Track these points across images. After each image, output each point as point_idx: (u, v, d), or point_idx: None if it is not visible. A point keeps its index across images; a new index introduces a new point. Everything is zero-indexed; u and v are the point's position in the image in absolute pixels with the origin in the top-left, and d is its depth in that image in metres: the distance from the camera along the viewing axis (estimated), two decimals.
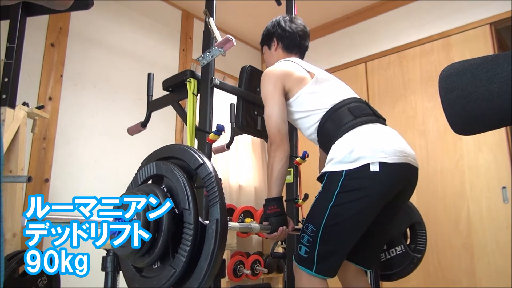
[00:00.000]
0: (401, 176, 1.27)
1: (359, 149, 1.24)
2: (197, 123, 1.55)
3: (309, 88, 1.43)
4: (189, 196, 0.91)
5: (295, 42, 1.64)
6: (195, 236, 0.88)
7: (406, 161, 1.26)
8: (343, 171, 1.25)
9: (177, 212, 0.93)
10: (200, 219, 0.90)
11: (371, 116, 1.37)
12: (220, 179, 0.95)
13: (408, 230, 1.93)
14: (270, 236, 1.37)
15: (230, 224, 1.15)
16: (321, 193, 1.32)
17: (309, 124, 1.45)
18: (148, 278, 0.96)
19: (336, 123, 1.36)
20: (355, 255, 1.40)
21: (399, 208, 1.42)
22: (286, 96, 1.46)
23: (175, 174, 0.94)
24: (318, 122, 1.41)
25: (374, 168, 1.21)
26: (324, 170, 1.33)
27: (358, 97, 1.48)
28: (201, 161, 0.94)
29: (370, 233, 1.35)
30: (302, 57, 1.67)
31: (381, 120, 1.40)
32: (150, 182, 1.05)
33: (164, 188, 0.97)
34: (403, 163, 1.25)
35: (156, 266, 0.96)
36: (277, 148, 1.37)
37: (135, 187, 1.04)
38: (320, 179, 1.37)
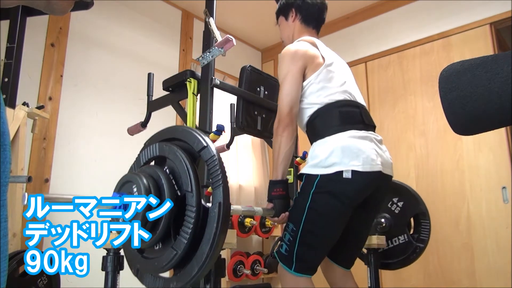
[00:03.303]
0: (370, 183, 1.34)
1: (335, 156, 1.31)
2: (197, 123, 1.55)
3: (315, 78, 1.44)
4: (191, 178, 0.90)
5: (313, 15, 1.62)
6: (197, 219, 0.87)
7: (378, 169, 1.33)
8: (318, 174, 1.32)
9: (179, 194, 0.92)
10: (202, 202, 0.89)
11: (358, 124, 1.40)
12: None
13: (412, 220, 1.96)
14: (273, 220, 1.40)
15: (233, 207, 1.14)
16: (299, 193, 1.39)
17: (303, 116, 1.47)
18: (149, 259, 0.95)
19: (323, 122, 1.40)
20: (336, 256, 1.48)
21: (370, 213, 1.50)
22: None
23: (177, 156, 0.94)
24: (309, 117, 1.44)
25: (347, 175, 1.29)
26: (302, 171, 1.40)
27: (356, 98, 1.48)
28: (205, 144, 0.93)
29: (346, 236, 1.41)
30: (318, 30, 1.67)
31: (369, 127, 1.43)
32: (152, 163, 1.05)
33: (167, 170, 0.96)
34: (374, 171, 1.32)
35: (157, 247, 0.96)
36: (286, 127, 1.37)
37: (138, 168, 1.04)
38: (300, 177, 1.43)
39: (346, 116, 1.39)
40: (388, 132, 3.02)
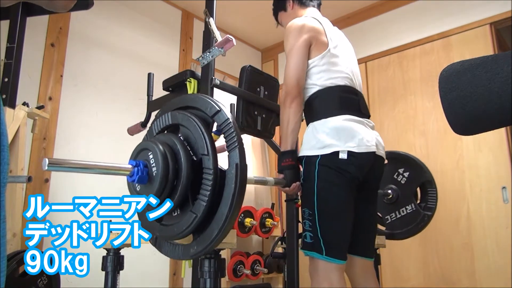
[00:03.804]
0: (365, 163, 1.39)
1: (331, 137, 1.36)
2: None
3: (319, 61, 1.45)
4: (207, 142, 0.90)
5: None
6: (215, 181, 0.87)
7: (372, 150, 1.39)
8: (318, 155, 1.37)
9: (195, 159, 0.92)
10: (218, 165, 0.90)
11: (355, 111, 1.44)
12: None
13: (418, 189, 2.00)
14: (284, 190, 1.43)
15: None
16: (304, 178, 1.41)
17: (303, 95, 1.49)
18: (168, 226, 0.95)
19: (322, 104, 1.43)
20: (351, 246, 1.46)
21: (369, 196, 1.51)
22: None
23: (191, 121, 0.94)
24: (309, 97, 1.47)
25: (343, 155, 1.34)
26: (301, 154, 1.43)
27: (356, 86, 1.50)
28: (218, 108, 0.93)
29: (354, 223, 1.42)
30: (319, 8, 1.69)
31: (363, 116, 1.47)
32: (165, 132, 1.05)
33: (181, 137, 0.97)
34: (368, 152, 1.38)
35: (175, 214, 0.96)
36: (294, 99, 1.40)
37: (151, 138, 1.04)
38: (299, 160, 1.45)
39: (345, 101, 1.43)
40: (388, 132, 3.02)
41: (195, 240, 0.91)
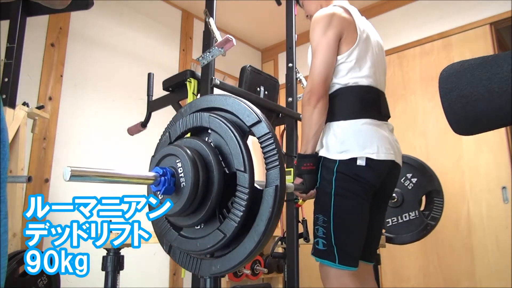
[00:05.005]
0: (384, 171, 1.34)
1: (350, 142, 1.30)
2: None
3: (347, 57, 1.36)
4: (244, 156, 0.82)
5: None
6: (250, 201, 0.79)
7: (391, 158, 1.34)
8: (336, 160, 1.31)
9: (227, 172, 0.84)
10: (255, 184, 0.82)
11: (376, 113, 1.37)
12: None
13: (423, 197, 1.99)
14: (301, 196, 1.38)
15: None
16: (321, 183, 1.35)
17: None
18: (189, 239, 0.87)
19: (342, 104, 1.35)
20: None
21: (381, 202, 1.47)
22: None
23: (227, 130, 0.83)
24: (330, 93, 1.38)
25: (361, 162, 1.28)
26: (320, 154, 1.36)
27: (378, 85, 1.42)
28: (258, 118, 0.83)
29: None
30: None
31: (385, 118, 1.42)
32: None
33: (211, 143, 0.87)
34: (387, 160, 1.32)
35: (199, 227, 0.87)
36: (320, 99, 1.30)
37: (174, 139, 0.93)
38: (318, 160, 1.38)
39: (366, 103, 1.35)
40: None
41: (218, 259, 0.84)
